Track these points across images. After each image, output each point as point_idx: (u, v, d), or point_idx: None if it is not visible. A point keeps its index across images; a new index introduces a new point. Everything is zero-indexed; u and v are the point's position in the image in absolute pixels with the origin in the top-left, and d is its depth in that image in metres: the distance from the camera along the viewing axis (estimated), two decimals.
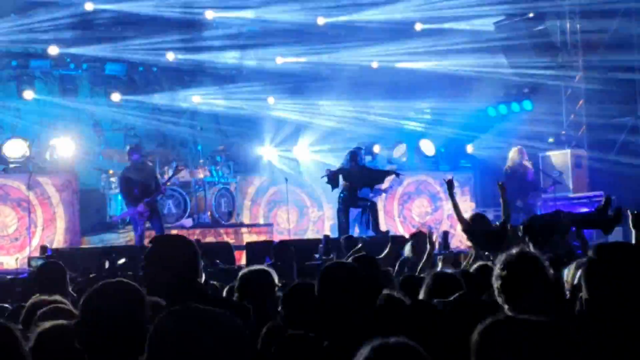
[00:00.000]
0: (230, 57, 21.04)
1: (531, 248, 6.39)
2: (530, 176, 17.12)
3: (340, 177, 16.67)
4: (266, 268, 6.26)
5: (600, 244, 4.02)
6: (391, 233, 16.15)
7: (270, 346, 4.50)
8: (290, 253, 11.50)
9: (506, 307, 4.16)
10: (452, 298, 4.86)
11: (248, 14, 20.21)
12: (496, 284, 4.24)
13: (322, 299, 4.31)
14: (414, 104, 21.60)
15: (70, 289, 7.31)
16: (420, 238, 11.47)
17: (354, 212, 17.18)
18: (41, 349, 3.61)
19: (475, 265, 6.87)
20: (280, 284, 6.23)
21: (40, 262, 12.21)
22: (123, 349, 3.24)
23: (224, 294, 6.45)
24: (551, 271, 4.25)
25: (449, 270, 6.70)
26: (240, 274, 6.00)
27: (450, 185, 10.97)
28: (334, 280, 4.36)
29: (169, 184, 16.83)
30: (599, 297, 3.56)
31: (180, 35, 20.43)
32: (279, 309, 5.17)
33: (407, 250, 11.40)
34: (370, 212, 16.79)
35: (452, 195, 10.99)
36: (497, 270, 4.27)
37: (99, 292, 3.40)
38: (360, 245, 11.95)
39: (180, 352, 2.53)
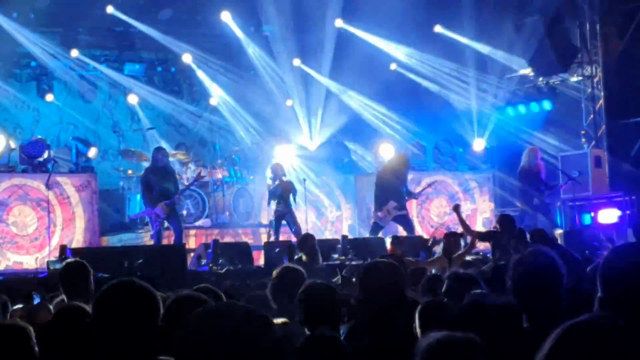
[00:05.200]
0: (248, 58, 21.08)
1: None
2: (544, 175, 17.04)
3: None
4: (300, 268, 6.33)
5: (618, 245, 4.00)
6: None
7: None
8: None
9: (519, 307, 4.15)
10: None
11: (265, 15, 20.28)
12: (508, 283, 4.23)
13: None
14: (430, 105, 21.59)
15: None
16: (453, 239, 11.58)
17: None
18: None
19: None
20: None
21: (57, 265, 12.29)
22: (134, 348, 3.24)
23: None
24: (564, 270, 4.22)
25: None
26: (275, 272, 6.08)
27: (456, 210, 12.62)
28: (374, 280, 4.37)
29: (191, 186, 16.91)
30: (613, 296, 3.54)
31: (199, 35, 20.48)
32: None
33: (439, 251, 11.51)
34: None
35: (460, 217, 12.40)
36: (510, 270, 4.26)
37: (111, 292, 3.41)
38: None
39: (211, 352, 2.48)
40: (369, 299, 4.33)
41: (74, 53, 19.41)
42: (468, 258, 11.68)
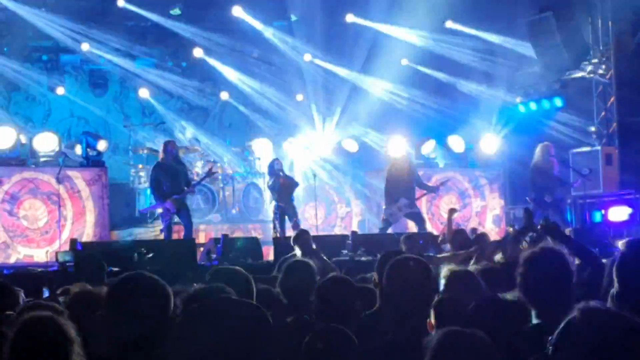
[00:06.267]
0: (260, 52, 21.09)
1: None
2: (556, 172, 16.99)
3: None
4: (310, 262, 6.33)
5: (632, 239, 4.00)
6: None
7: (298, 338, 4.51)
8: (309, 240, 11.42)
9: (528, 304, 4.15)
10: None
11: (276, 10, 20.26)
12: (517, 280, 4.23)
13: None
14: (442, 100, 21.59)
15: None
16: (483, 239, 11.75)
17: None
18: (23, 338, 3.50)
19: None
20: None
21: (67, 257, 12.34)
22: (146, 340, 3.25)
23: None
24: (573, 266, 4.22)
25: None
26: (285, 265, 6.08)
27: (450, 214, 12.79)
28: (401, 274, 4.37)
29: (202, 181, 16.93)
30: (630, 290, 3.55)
31: (211, 30, 20.50)
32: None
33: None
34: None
35: (449, 224, 12.56)
36: (518, 267, 4.26)
37: (122, 284, 3.42)
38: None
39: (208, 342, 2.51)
40: (395, 295, 4.33)
41: (85, 47, 19.44)
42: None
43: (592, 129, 19.51)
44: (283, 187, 16.69)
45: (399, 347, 4.15)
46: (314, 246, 11.28)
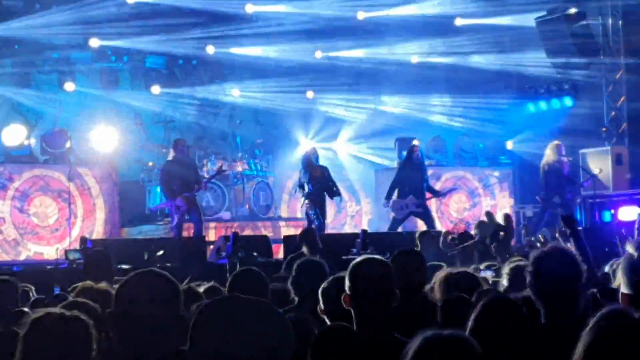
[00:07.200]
0: (269, 51, 21.06)
1: None
2: (566, 171, 16.97)
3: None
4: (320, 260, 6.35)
5: None
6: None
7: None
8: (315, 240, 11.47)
9: (537, 303, 4.15)
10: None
11: (288, 8, 20.20)
12: (527, 279, 4.23)
13: (354, 294, 4.34)
14: (453, 99, 21.56)
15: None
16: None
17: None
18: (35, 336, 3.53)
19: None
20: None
21: (76, 255, 12.39)
22: (156, 338, 3.25)
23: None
24: (584, 267, 4.22)
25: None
26: (296, 264, 6.10)
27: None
28: (363, 275, 4.37)
29: (212, 179, 16.93)
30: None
31: (221, 28, 20.47)
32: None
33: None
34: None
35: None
36: (528, 266, 4.26)
37: (132, 282, 3.40)
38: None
39: (224, 340, 2.52)
40: (356, 296, 4.34)
41: (96, 44, 19.45)
42: None
43: (602, 128, 19.47)
44: (314, 179, 15.76)
45: (364, 349, 4.16)
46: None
